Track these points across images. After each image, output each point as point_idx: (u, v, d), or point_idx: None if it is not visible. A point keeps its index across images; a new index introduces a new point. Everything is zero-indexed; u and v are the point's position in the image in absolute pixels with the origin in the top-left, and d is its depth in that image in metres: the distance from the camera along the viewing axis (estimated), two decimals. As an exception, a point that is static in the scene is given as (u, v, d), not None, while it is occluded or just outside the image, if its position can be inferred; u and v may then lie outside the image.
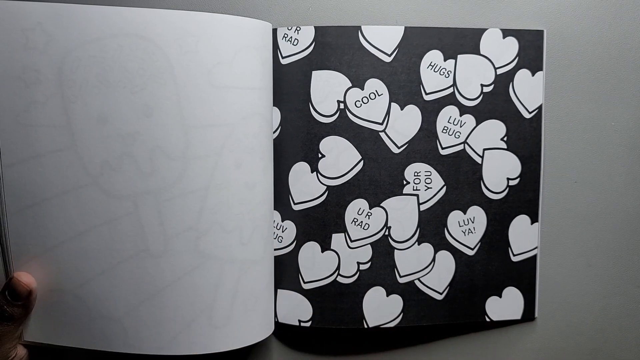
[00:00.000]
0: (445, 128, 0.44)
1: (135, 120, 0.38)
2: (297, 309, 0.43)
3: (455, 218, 0.44)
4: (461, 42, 0.43)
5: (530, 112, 0.44)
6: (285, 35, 0.42)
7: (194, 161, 0.38)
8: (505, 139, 0.44)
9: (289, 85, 0.42)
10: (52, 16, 0.37)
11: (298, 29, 0.42)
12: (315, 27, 0.42)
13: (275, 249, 0.43)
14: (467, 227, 0.44)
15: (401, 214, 0.44)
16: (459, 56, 0.43)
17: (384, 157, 0.43)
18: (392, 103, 0.43)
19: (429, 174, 0.44)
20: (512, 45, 0.43)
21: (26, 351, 0.40)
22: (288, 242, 0.43)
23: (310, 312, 0.43)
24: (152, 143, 0.38)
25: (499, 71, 0.43)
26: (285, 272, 0.44)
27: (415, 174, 0.44)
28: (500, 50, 0.43)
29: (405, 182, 0.43)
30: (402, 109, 0.43)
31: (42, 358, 0.41)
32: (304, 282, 0.43)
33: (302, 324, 0.43)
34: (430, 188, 0.44)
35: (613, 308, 0.47)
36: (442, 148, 0.44)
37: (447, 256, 0.44)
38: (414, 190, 0.44)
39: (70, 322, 0.39)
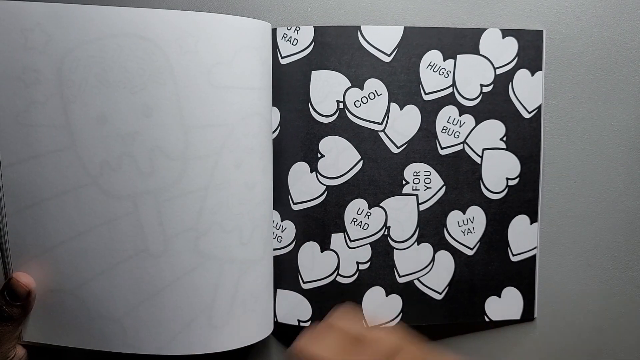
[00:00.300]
0: (445, 128, 0.44)
1: (135, 120, 0.38)
2: (296, 309, 0.43)
3: (454, 218, 0.44)
4: (461, 42, 0.43)
5: (529, 112, 0.44)
6: (285, 35, 0.42)
7: (194, 161, 0.38)
8: (504, 139, 0.44)
9: (289, 85, 0.42)
10: (52, 16, 0.37)
11: (297, 29, 0.42)
12: (314, 27, 0.42)
13: (274, 249, 0.43)
14: (467, 227, 0.44)
15: (400, 214, 0.44)
16: (458, 56, 0.43)
17: (383, 157, 0.43)
18: (391, 103, 0.43)
19: (428, 174, 0.44)
20: (511, 45, 0.43)
21: (25, 351, 0.40)
22: (287, 242, 0.43)
23: (309, 312, 0.43)
24: (152, 143, 0.38)
25: (499, 71, 0.43)
26: (285, 272, 0.43)
27: (415, 174, 0.44)
28: (500, 50, 0.43)
29: (404, 182, 0.43)
30: (401, 109, 0.43)
31: (41, 358, 0.41)
32: (304, 282, 0.43)
33: (302, 324, 0.43)
34: (430, 188, 0.44)
35: (613, 308, 0.47)
36: (442, 148, 0.44)
37: (446, 256, 0.44)
38: (413, 190, 0.44)
39: (70, 322, 0.39)
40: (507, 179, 0.44)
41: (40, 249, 0.38)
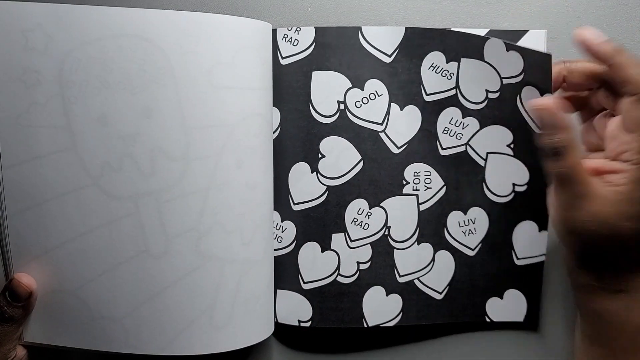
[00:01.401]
0: (447, 129, 0.43)
1: (136, 121, 0.38)
2: (297, 309, 0.43)
3: (455, 218, 0.44)
4: (464, 45, 0.42)
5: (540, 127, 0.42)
6: (285, 36, 0.42)
7: (195, 162, 0.38)
8: (512, 146, 0.43)
9: (289, 85, 0.42)
10: (52, 17, 0.37)
11: (298, 29, 0.42)
12: (315, 27, 0.42)
13: (274, 250, 0.43)
14: (468, 228, 0.44)
15: (401, 214, 0.44)
16: (462, 59, 0.42)
17: (383, 157, 0.43)
18: (391, 103, 0.43)
19: (428, 174, 0.44)
20: (516, 60, 0.42)
21: (25, 352, 0.40)
22: (288, 242, 0.43)
23: (310, 312, 0.43)
24: (153, 144, 0.38)
25: (505, 81, 0.42)
26: (285, 272, 0.44)
27: (415, 174, 0.44)
28: (505, 62, 0.42)
29: (405, 182, 0.43)
30: (401, 110, 0.43)
31: (41, 359, 0.41)
32: (304, 282, 0.43)
33: (302, 324, 0.43)
34: (430, 188, 0.44)
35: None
36: (442, 149, 0.44)
37: (446, 256, 0.44)
38: (413, 190, 0.44)
39: (71, 322, 0.39)
40: (514, 184, 0.44)
41: (41, 250, 0.38)
